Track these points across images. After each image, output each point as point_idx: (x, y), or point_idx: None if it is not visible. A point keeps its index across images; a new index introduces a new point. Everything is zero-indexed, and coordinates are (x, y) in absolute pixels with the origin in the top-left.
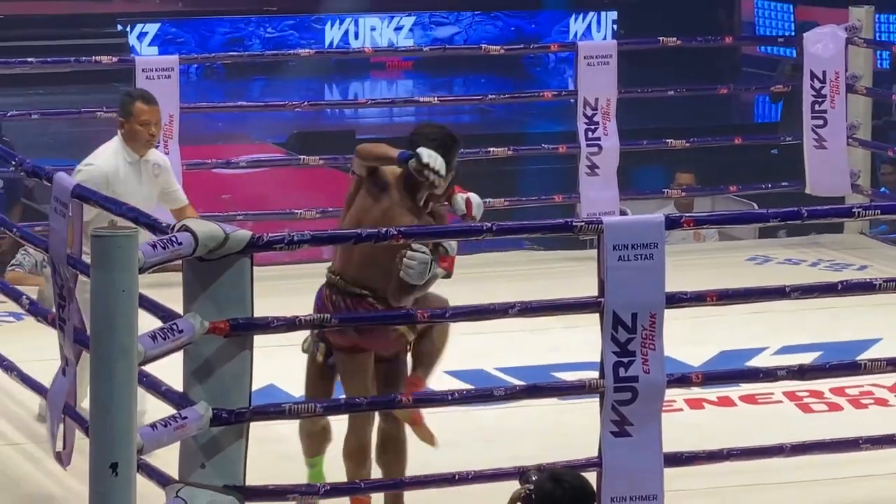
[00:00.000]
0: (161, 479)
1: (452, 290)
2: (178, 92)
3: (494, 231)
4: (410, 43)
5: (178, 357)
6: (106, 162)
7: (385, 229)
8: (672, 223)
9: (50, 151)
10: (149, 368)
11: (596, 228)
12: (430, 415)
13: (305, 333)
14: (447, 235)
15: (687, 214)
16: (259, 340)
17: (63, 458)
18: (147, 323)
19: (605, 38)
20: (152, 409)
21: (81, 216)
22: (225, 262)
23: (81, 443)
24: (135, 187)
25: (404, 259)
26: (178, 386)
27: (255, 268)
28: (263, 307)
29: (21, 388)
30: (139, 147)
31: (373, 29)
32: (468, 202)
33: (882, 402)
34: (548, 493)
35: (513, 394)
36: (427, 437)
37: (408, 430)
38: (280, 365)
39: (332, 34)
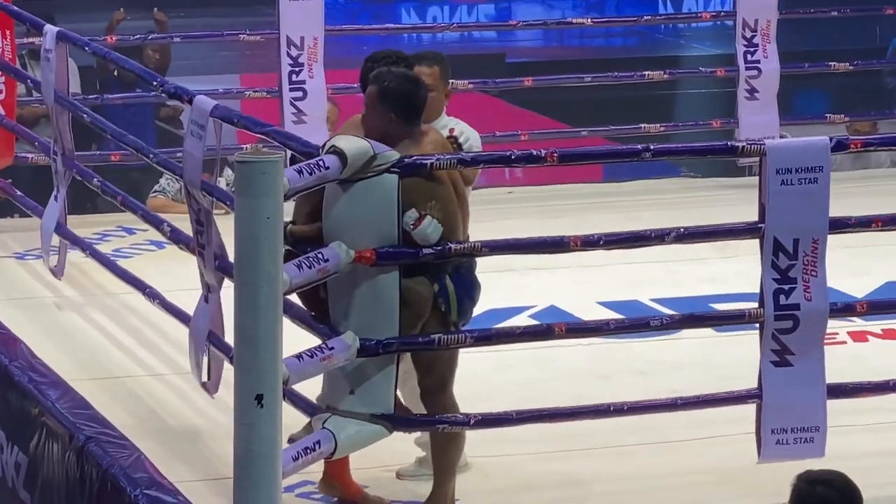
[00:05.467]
0: (308, 408)
1: (607, 218)
2: (323, 14)
3: (653, 153)
4: None
5: None
6: None
7: (540, 151)
8: (838, 146)
9: (192, 75)
10: None
11: (759, 151)
12: (583, 346)
13: None
14: (605, 158)
15: (854, 137)
16: None
17: (209, 388)
18: None
19: None
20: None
21: (220, 138)
22: (371, 181)
23: (226, 374)
24: None
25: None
26: None
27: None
28: None
29: (164, 318)
30: None
31: None
32: None
33: None
34: (821, 497)
35: (669, 324)
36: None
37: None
38: None
39: None
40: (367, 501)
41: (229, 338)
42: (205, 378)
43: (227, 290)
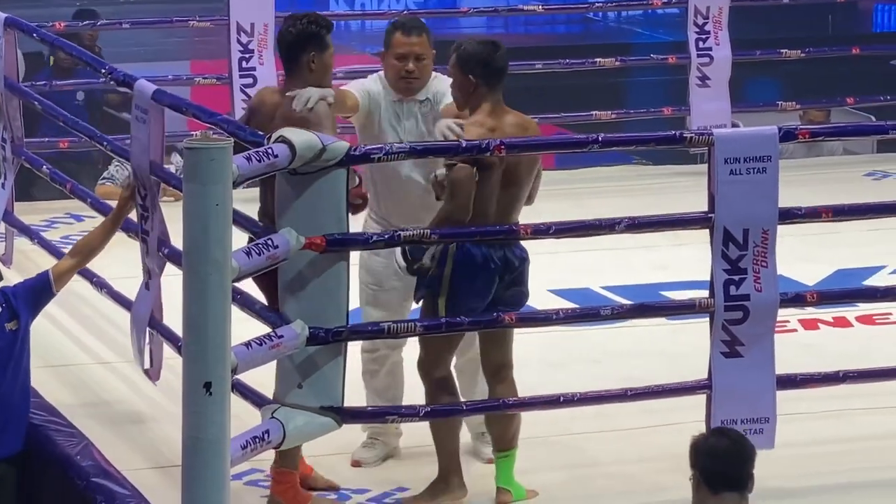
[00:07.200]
0: (257, 399)
1: (557, 205)
2: (273, 0)
3: (601, 143)
4: None
5: None
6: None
7: (487, 141)
8: (786, 135)
9: (140, 62)
10: None
11: (707, 140)
12: (536, 334)
13: None
14: (553, 149)
15: (802, 126)
16: None
17: (151, 375)
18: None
19: None
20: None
21: (163, 122)
22: (321, 174)
23: (174, 362)
24: (392, 134)
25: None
26: None
27: None
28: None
29: (111, 306)
30: (395, 85)
31: None
32: None
33: None
34: (711, 445)
35: (620, 313)
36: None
37: None
38: None
39: None
40: (317, 483)
41: (168, 322)
42: (147, 365)
43: (171, 277)
